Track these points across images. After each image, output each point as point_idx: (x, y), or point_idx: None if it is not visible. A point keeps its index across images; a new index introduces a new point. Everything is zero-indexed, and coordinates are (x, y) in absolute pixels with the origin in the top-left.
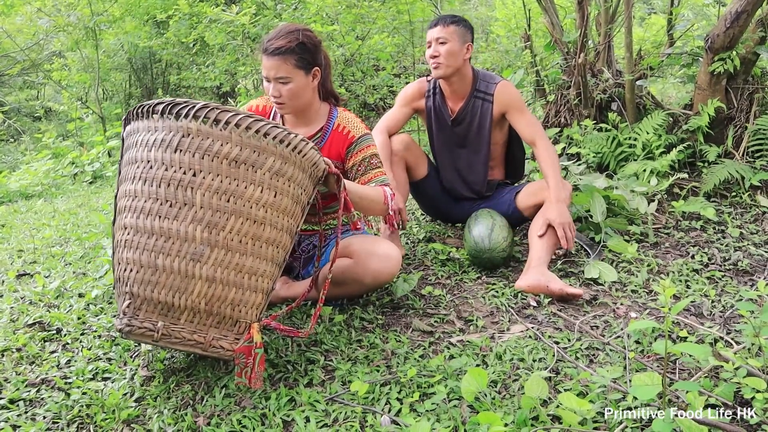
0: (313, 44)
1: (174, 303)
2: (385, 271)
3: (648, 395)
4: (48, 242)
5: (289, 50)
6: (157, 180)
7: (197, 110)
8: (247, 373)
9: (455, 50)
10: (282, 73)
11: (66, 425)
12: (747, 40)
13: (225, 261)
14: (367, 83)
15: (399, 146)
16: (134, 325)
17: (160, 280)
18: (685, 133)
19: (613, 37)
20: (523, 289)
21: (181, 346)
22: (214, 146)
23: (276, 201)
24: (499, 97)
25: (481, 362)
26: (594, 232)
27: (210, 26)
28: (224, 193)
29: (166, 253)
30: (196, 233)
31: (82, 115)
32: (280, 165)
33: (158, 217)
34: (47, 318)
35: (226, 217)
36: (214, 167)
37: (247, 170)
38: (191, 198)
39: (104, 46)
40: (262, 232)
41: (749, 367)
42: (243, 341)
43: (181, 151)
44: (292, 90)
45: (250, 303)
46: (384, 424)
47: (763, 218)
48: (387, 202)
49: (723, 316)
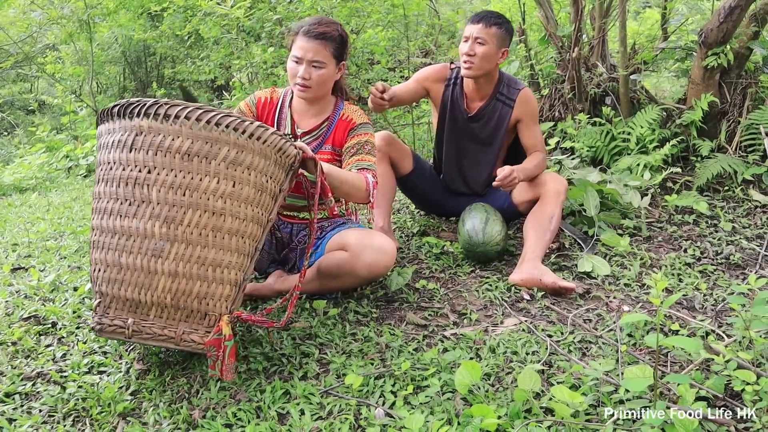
0: (346, 40)
1: (141, 299)
2: (380, 263)
3: (639, 388)
4: (43, 236)
5: (331, 38)
6: (116, 180)
7: (147, 108)
8: (219, 365)
9: (491, 54)
10: (320, 57)
11: (62, 418)
12: (740, 35)
13: (186, 255)
14: (362, 77)
15: (381, 142)
16: (105, 323)
17: (125, 278)
18: (678, 128)
19: (607, 32)
20: (517, 282)
21: (154, 342)
22: (166, 141)
23: (235, 191)
24: (520, 105)
25: (474, 355)
26: (587, 226)
27: (204, 19)
28: (179, 188)
29: (128, 251)
30: (155, 229)
31: (76, 108)
32: (236, 154)
33: (119, 216)
34: (42, 312)
35: (183, 211)
36: (167, 162)
37: (200, 162)
38: (147, 195)
39: (98, 39)
40: (223, 223)
41: (740, 359)
42: (213, 334)
43: (136, 150)
44: (323, 76)
45: (218, 295)
46: (378, 416)
47: (755, 212)
48: (368, 189)
49: (714, 310)
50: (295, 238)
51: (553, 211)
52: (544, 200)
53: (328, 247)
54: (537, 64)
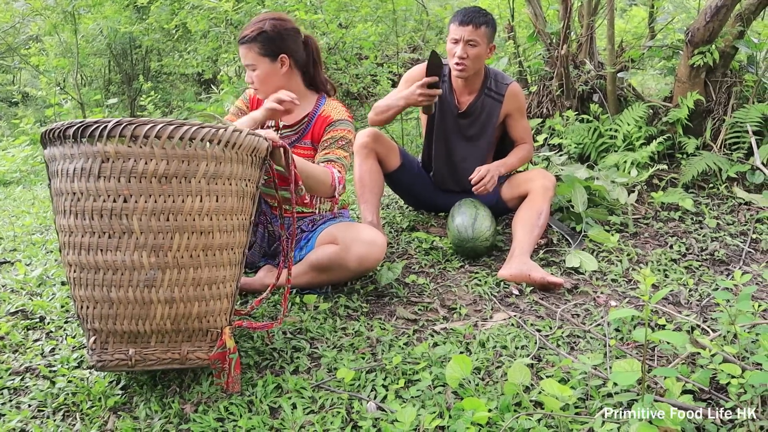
0: (277, 33)
1: (139, 330)
2: (370, 256)
3: (628, 381)
4: (28, 230)
5: (251, 39)
6: (88, 212)
7: (111, 129)
8: (225, 378)
9: (482, 54)
10: (248, 60)
11: (52, 413)
12: (726, 34)
13: (180, 279)
14: (351, 72)
15: (367, 138)
16: (105, 359)
17: (119, 312)
18: (664, 125)
19: (595, 29)
20: (506, 278)
21: (159, 366)
22: (139, 166)
23: (220, 205)
24: (509, 99)
25: (464, 349)
26: (575, 222)
27: (192, 12)
28: (162, 213)
29: (117, 285)
30: (143, 260)
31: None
32: (215, 167)
33: (99, 251)
34: (30, 306)
35: (170, 237)
36: (144, 188)
37: (180, 183)
38: (128, 225)
39: (83, 30)
40: (212, 240)
41: (725, 353)
42: (217, 348)
43: (105, 178)
44: (259, 76)
45: (217, 311)
46: (370, 410)
47: (739, 209)
48: (333, 184)
49: (700, 305)
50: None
51: (541, 207)
52: (532, 197)
53: (319, 241)
54: (525, 61)
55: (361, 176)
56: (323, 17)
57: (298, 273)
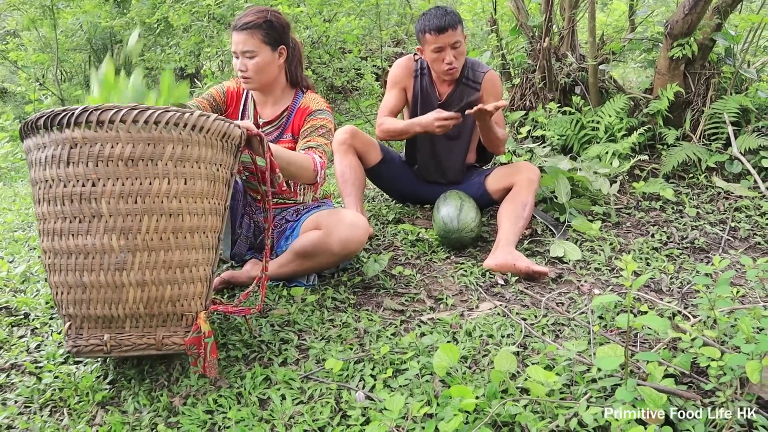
0: (280, 24)
1: (112, 314)
2: (353, 238)
3: (611, 366)
4: (10, 227)
5: (256, 25)
6: (59, 198)
7: (77, 116)
8: (201, 362)
9: (465, 49)
10: (249, 46)
11: (39, 409)
12: (704, 27)
13: (151, 262)
14: (334, 66)
15: (345, 135)
16: (80, 345)
17: (92, 297)
18: (645, 117)
19: (577, 22)
20: (491, 268)
21: (135, 352)
22: (105, 150)
23: (188, 188)
24: (486, 87)
25: (451, 339)
26: (559, 213)
27: (174, 6)
28: (130, 196)
29: (89, 269)
30: (113, 243)
31: (40, 96)
32: (182, 150)
33: (71, 235)
34: (14, 303)
35: (138, 219)
36: (111, 172)
37: (146, 166)
38: (97, 209)
39: (62, 25)
40: (182, 223)
41: (705, 337)
42: (192, 333)
43: (74, 164)
44: (258, 64)
45: (191, 295)
46: (359, 399)
47: (718, 198)
48: (316, 169)
49: (681, 292)
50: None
51: (526, 198)
52: (517, 188)
53: (303, 229)
54: (508, 54)
55: (342, 171)
56: (306, 11)
57: (284, 262)
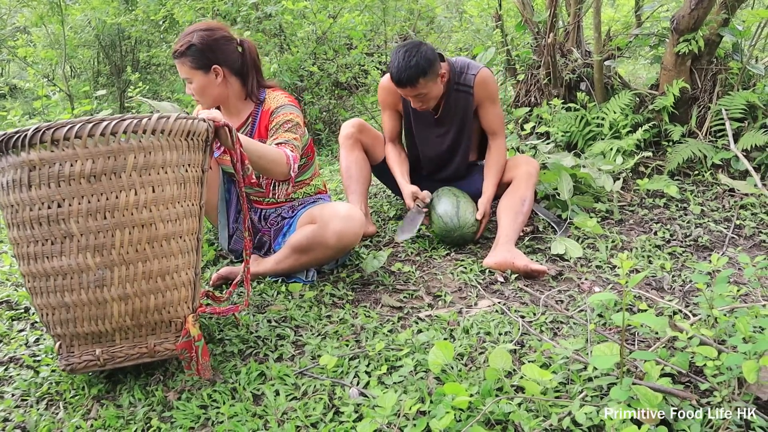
0: (206, 44)
1: (100, 330)
2: (348, 231)
3: (606, 365)
4: None
5: (181, 53)
6: (26, 223)
7: (31, 138)
8: (195, 365)
9: (436, 92)
10: (184, 74)
11: (35, 402)
12: (711, 22)
13: (131, 275)
14: (339, 62)
15: (352, 129)
16: (73, 362)
17: (77, 315)
18: (650, 113)
19: (582, 18)
20: (491, 266)
21: (130, 362)
22: (65, 169)
23: (157, 196)
24: (478, 89)
25: (448, 336)
26: (561, 210)
27: (179, 3)
28: (98, 212)
29: (69, 289)
30: (89, 261)
31: (48, 92)
32: (145, 158)
33: (45, 258)
34: (15, 297)
35: (111, 234)
36: (75, 191)
37: (110, 180)
38: (67, 229)
39: (71, 21)
40: (156, 231)
41: (702, 336)
42: (182, 338)
43: (35, 187)
44: (196, 89)
45: (176, 301)
46: (352, 396)
47: (724, 196)
48: (289, 163)
49: (682, 290)
50: (266, 222)
51: (525, 194)
52: (516, 183)
53: (299, 224)
54: (513, 50)
55: (347, 167)
56: (310, 7)
57: (281, 258)
